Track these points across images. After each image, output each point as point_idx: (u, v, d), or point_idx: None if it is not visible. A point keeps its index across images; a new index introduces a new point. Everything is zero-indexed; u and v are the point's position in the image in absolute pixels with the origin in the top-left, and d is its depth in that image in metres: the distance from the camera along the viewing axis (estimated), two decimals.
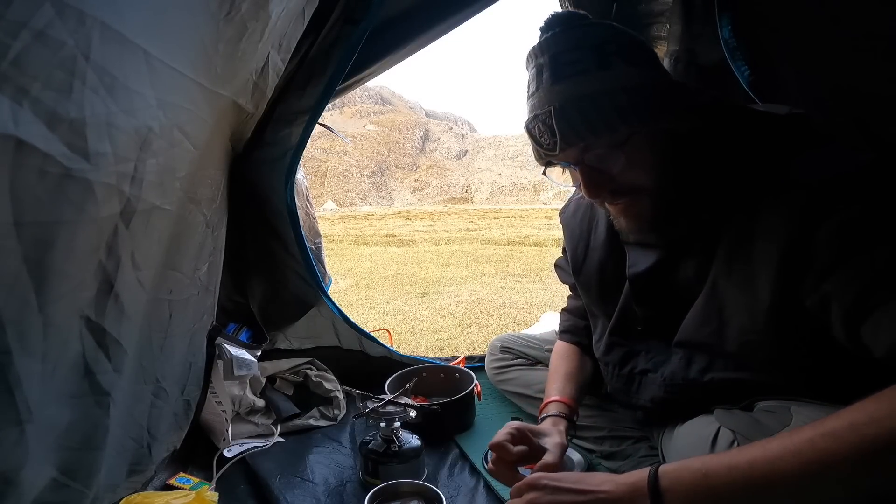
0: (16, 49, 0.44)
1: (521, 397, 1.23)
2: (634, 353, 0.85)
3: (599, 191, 0.71)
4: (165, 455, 0.96)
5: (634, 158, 0.68)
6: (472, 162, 56.65)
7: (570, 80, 0.66)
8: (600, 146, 0.68)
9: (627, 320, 0.86)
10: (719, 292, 0.69)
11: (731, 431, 0.71)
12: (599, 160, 0.69)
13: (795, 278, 0.59)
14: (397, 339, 2.71)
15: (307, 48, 1.07)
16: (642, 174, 0.69)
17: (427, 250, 7.94)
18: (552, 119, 0.67)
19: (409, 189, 50.70)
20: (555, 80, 0.67)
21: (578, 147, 0.69)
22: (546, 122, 0.68)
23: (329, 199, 38.93)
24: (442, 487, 0.92)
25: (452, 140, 62.99)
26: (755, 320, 0.65)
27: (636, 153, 0.68)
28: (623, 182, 0.70)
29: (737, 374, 0.70)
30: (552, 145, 0.69)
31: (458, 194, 47.61)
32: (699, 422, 0.79)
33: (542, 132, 0.69)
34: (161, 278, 0.83)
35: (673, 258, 0.76)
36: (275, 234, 1.25)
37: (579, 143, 0.68)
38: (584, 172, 0.70)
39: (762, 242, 0.63)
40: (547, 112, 0.67)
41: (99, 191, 0.57)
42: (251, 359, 1.12)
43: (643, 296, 0.82)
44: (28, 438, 0.58)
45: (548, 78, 0.68)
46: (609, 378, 0.91)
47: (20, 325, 0.54)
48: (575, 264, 0.96)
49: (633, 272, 0.82)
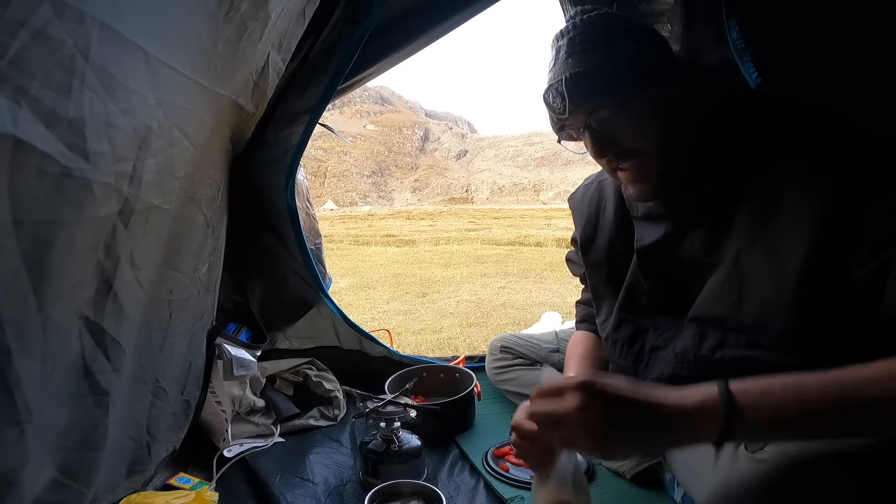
0: (15, 48, 0.44)
1: (521, 397, 1.23)
2: (643, 330, 0.85)
3: (605, 151, 0.78)
4: (165, 455, 0.96)
5: (637, 122, 0.75)
6: (472, 162, 56.67)
7: (580, 55, 0.76)
8: (604, 108, 0.75)
9: (635, 295, 0.88)
10: (742, 263, 0.70)
11: None
12: (604, 123, 0.76)
13: (839, 248, 0.61)
14: (397, 339, 2.71)
15: (308, 48, 1.07)
16: (644, 138, 0.76)
17: (427, 250, 7.94)
18: (563, 86, 0.75)
19: (409, 189, 50.71)
20: (568, 55, 0.77)
21: (585, 109, 0.76)
22: (558, 89, 0.76)
23: (329, 199, 38.93)
24: (442, 487, 0.92)
25: (452, 140, 63.01)
26: (779, 289, 0.65)
27: (638, 117, 0.75)
28: (627, 145, 0.76)
29: (749, 352, 0.70)
30: (562, 109, 0.77)
31: (458, 194, 47.63)
32: None
33: (554, 98, 0.78)
34: (160, 278, 0.82)
35: (681, 231, 0.80)
36: (275, 234, 1.25)
37: (585, 105, 0.75)
38: (590, 134, 0.78)
39: (793, 210, 0.64)
40: (559, 81, 0.76)
41: (98, 190, 0.57)
42: (251, 359, 1.12)
43: (650, 268, 0.84)
44: (28, 438, 0.58)
45: (563, 55, 0.78)
46: (616, 356, 0.91)
47: (19, 325, 0.53)
48: (585, 244, 0.98)
49: (641, 244, 0.85)
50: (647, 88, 0.74)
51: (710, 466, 0.72)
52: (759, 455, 0.65)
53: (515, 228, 12.11)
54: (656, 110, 0.75)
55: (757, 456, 0.65)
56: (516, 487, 0.95)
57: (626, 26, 0.77)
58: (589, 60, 0.75)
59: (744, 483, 0.65)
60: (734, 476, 0.67)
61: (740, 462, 0.68)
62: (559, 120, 0.80)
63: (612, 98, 0.74)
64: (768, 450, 0.64)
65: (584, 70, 0.74)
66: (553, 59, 0.80)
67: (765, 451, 0.65)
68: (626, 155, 0.77)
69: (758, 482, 0.64)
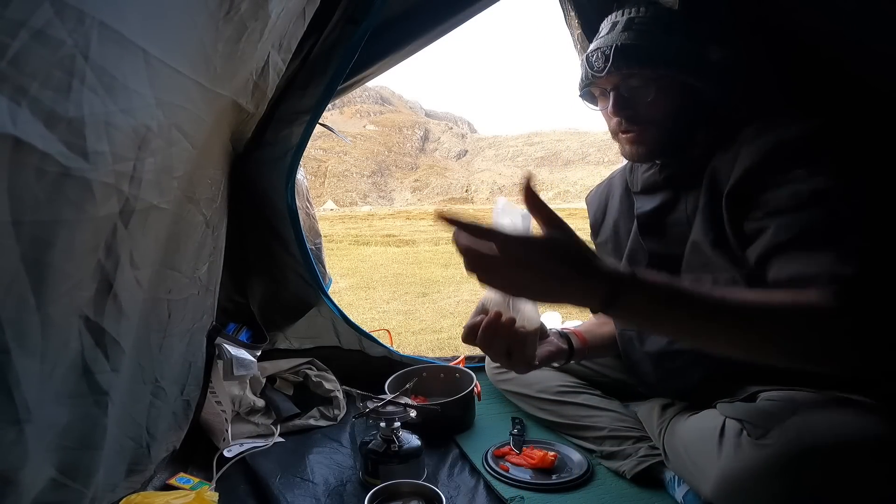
0: (14, 48, 0.44)
1: (521, 397, 1.23)
2: None
3: (622, 113, 0.87)
4: (165, 455, 0.96)
5: (658, 97, 0.84)
6: (472, 162, 56.68)
7: (637, 31, 0.85)
8: (638, 77, 0.84)
9: (636, 260, 0.96)
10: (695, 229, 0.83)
11: (737, 421, 0.72)
12: (631, 90, 0.86)
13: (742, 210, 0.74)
14: (397, 339, 2.71)
15: (308, 48, 1.07)
16: (659, 112, 0.85)
17: (427, 250, 7.93)
18: (611, 51, 0.84)
19: (409, 189, 50.72)
20: (625, 28, 0.86)
21: (622, 74, 0.85)
22: (605, 52, 0.85)
23: (329, 199, 38.93)
24: (442, 487, 0.92)
25: (452, 140, 63.02)
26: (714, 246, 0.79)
27: (662, 94, 0.84)
28: (642, 113, 0.86)
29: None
30: (602, 69, 0.86)
31: (458, 194, 47.64)
32: (704, 416, 0.81)
33: (598, 58, 0.86)
34: (160, 278, 0.82)
35: (675, 197, 0.90)
36: (275, 234, 1.25)
37: (624, 70, 0.84)
38: (616, 96, 0.87)
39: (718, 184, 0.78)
40: (609, 46, 0.85)
41: (97, 190, 0.57)
42: (251, 359, 1.12)
43: (647, 230, 0.94)
44: (27, 438, 0.57)
45: (620, 28, 0.86)
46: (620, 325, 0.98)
47: (19, 325, 0.53)
48: (594, 227, 1.13)
49: (640, 211, 0.96)
50: (680, 74, 0.83)
51: (714, 456, 0.73)
52: (764, 441, 0.67)
53: None
54: (678, 92, 0.84)
55: (761, 442, 0.67)
56: (516, 487, 0.95)
57: (684, 27, 0.86)
58: (643, 38, 0.84)
59: (750, 468, 0.67)
60: (740, 463, 0.69)
61: (744, 449, 0.69)
62: (593, 78, 0.88)
63: (649, 71, 0.83)
64: (773, 435, 0.66)
65: (637, 44, 0.84)
66: (607, 29, 0.89)
67: (769, 436, 0.67)
68: (637, 120, 0.86)
69: (764, 466, 0.66)
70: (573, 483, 0.95)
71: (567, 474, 0.98)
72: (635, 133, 0.88)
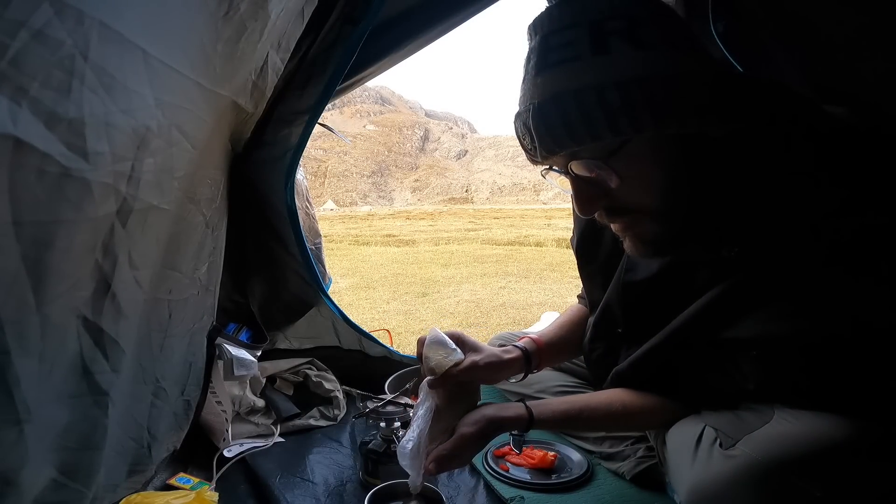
0: (14, 48, 0.44)
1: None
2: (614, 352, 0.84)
3: (590, 208, 0.59)
4: (165, 455, 0.96)
5: (631, 172, 0.55)
6: (472, 162, 56.61)
7: (555, 69, 0.53)
8: (586, 155, 0.55)
9: (611, 316, 0.81)
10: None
11: (713, 430, 0.70)
12: (588, 172, 0.56)
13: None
14: (397, 339, 2.71)
15: (307, 48, 1.06)
16: (641, 192, 0.57)
17: (427, 250, 7.94)
18: (530, 119, 0.55)
19: (409, 189, 50.68)
20: (539, 69, 0.55)
21: (560, 155, 0.57)
22: (525, 122, 0.56)
23: (329, 199, 38.91)
24: (442, 487, 0.92)
25: (452, 140, 62.96)
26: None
27: (634, 166, 0.55)
28: (620, 199, 0.58)
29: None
30: (533, 150, 0.58)
31: (458, 194, 47.59)
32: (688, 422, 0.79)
33: (523, 134, 0.58)
34: (159, 278, 0.82)
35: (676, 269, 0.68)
36: (275, 234, 1.25)
37: (558, 152, 0.56)
38: (573, 184, 0.59)
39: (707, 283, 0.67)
40: (527, 109, 0.55)
41: (96, 190, 0.57)
42: (251, 359, 1.12)
43: (633, 306, 0.76)
44: (27, 438, 0.57)
45: (533, 66, 0.56)
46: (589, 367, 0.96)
47: (19, 325, 0.53)
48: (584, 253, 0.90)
49: (629, 279, 0.75)
50: (650, 127, 0.52)
51: (688, 463, 0.72)
52: (732, 452, 0.65)
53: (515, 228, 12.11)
54: (661, 153, 0.55)
55: (729, 452, 0.65)
56: (516, 487, 0.95)
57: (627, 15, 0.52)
58: (564, 80, 0.52)
59: (716, 477, 0.66)
60: (709, 471, 0.67)
61: (714, 458, 0.68)
62: (532, 160, 0.62)
63: (594, 143, 0.54)
64: (739, 447, 0.65)
65: (558, 96, 0.52)
66: (524, 68, 0.58)
67: (736, 447, 0.65)
68: (617, 212, 0.61)
69: (728, 476, 0.64)
70: (573, 483, 0.95)
71: (567, 474, 0.98)
72: (624, 226, 0.63)
